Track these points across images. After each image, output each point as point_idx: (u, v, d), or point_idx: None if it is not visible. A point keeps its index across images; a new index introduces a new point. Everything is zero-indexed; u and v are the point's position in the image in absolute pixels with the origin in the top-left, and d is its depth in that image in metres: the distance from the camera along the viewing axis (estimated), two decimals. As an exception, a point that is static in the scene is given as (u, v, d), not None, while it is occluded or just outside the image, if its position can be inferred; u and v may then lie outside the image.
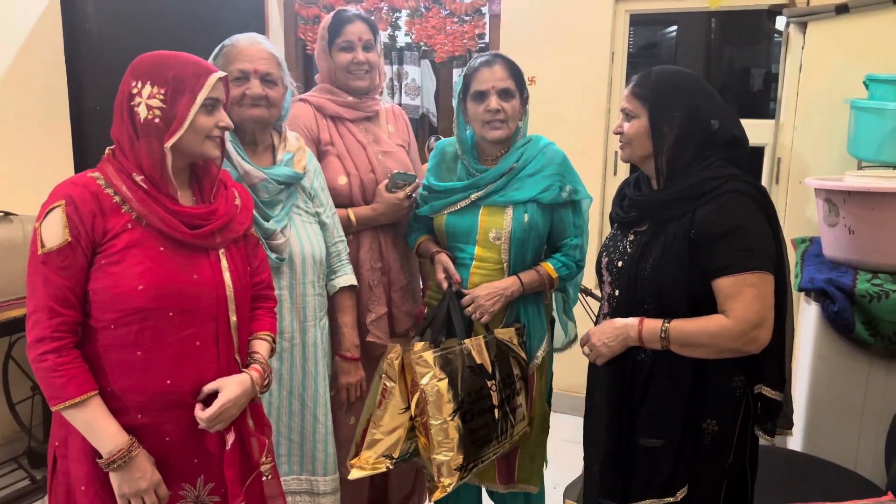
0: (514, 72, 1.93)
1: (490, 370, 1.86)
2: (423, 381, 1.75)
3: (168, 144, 1.34)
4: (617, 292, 1.63)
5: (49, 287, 1.29)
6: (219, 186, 1.49)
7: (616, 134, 1.65)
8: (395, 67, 5.87)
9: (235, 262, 1.47)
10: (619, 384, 1.60)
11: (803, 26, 2.92)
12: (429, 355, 1.78)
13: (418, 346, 1.82)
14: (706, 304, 1.49)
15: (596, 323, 1.72)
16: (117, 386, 1.35)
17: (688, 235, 1.49)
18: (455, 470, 1.74)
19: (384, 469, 1.81)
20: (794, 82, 2.97)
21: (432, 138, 5.44)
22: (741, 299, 1.44)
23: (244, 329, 1.50)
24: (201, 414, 1.38)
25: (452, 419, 1.75)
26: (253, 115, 1.74)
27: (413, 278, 2.24)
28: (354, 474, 1.78)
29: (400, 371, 1.84)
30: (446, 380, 1.76)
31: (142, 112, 1.34)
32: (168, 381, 1.37)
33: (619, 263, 1.63)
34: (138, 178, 1.35)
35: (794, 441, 2.39)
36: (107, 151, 1.40)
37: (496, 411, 1.85)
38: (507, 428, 1.90)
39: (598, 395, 1.69)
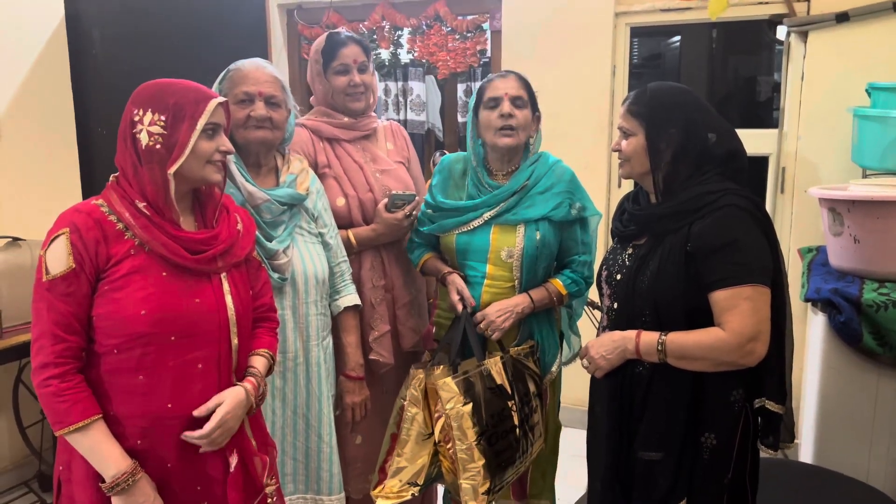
0: (528, 87, 1.97)
1: (510, 390, 1.86)
2: (448, 406, 1.76)
3: (171, 171, 1.36)
4: (616, 305, 1.64)
5: (53, 313, 1.31)
6: (221, 211, 1.50)
7: (614, 151, 1.66)
8: (400, 84, 5.90)
9: (237, 285, 1.48)
10: (618, 397, 1.60)
11: (804, 35, 2.92)
12: (451, 380, 1.78)
13: (438, 371, 1.83)
14: (703, 318, 1.49)
15: (597, 336, 1.72)
16: (120, 410, 1.36)
17: (685, 249, 1.49)
18: (483, 494, 1.75)
19: (409, 497, 1.81)
20: (797, 91, 2.97)
21: (437, 153, 5.46)
22: (737, 312, 1.44)
23: (244, 352, 1.51)
24: (195, 433, 1.37)
25: (478, 443, 1.75)
26: (257, 136, 1.76)
27: (419, 293, 2.25)
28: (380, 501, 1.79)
29: (423, 397, 1.84)
30: (471, 404, 1.77)
31: (143, 139, 1.36)
32: (169, 405, 1.37)
33: (618, 276, 1.63)
34: (141, 205, 1.36)
35: (805, 453, 2.37)
36: (111, 178, 1.42)
37: (517, 431, 1.85)
38: (528, 447, 1.90)
39: (598, 409, 1.69)
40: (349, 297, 1.97)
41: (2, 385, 2.89)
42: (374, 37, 3.80)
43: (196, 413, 1.39)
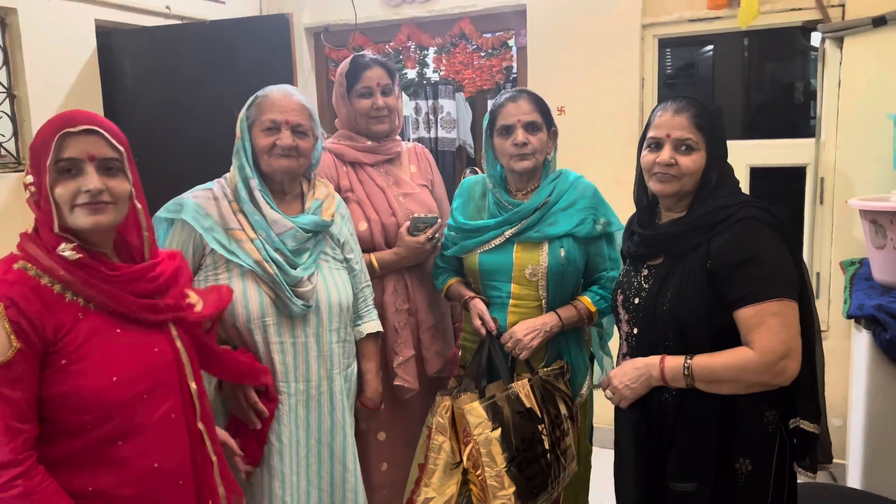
0: (540, 106, 1.92)
1: (539, 414, 1.82)
2: (476, 432, 1.73)
3: (56, 228, 1.19)
4: (636, 330, 1.58)
5: (4, 405, 1.14)
6: (151, 251, 1.35)
7: (667, 165, 1.50)
8: (431, 101, 5.92)
9: (183, 327, 1.39)
10: (644, 428, 1.54)
11: (840, 41, 2.82)
12: (478, 406, 1.75)
13: (465, 397, 1.80)
14: (730, 338, 1.43)
15: (616, 364, 1.66)
16: (101, 483, 1.23)
17: (705, 266, 1.44)
18: None
19: None
20: (834, 99, 2.87)
21: (468, 170, 5.44)
22: (765, 329, 1.37)
23: (203, 396, 1.42)
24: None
25: (508, 469, 1.71)
26: (282, 165, 1.74)
27: (443, 317, 2.22)
28: None
29: (450, 424, 1.81)
30: (499, 429, 1.73)
31: (27, 196, 1.20)
32: (156, 465, 1.28)
33: (636, 300, 1.57)
34: (67, 249, 1.20)
35: (853, 477, 2.26)
36: (25, 232, 1.25)
37: (548, 455, 1.80)
38: (560, 472, 1.85)
39: (624, 441, 1.62)
40: (371, 324, 1.94)
41: None
42: (401, 57, 3.80)
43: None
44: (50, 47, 2.90)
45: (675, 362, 1.46)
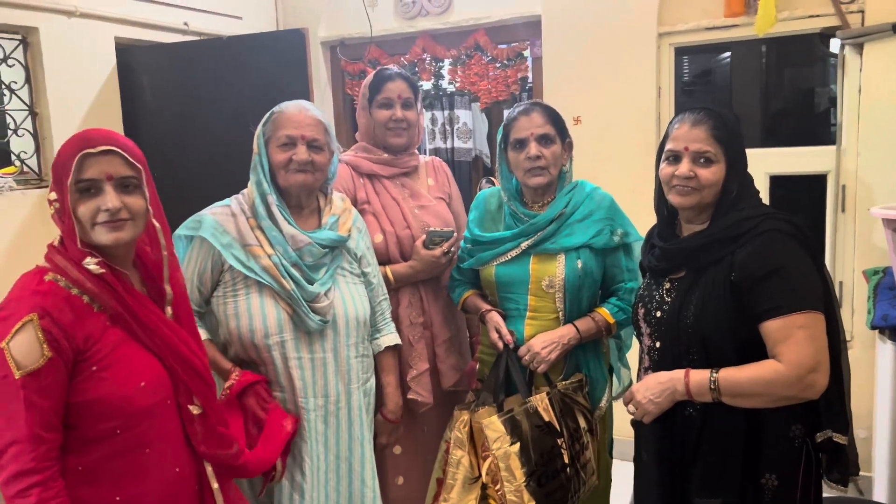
0: (554, 118, 1.91)
1: (558, 427, 1.80)
2: (494, 446, 1.72)
3: (78, 242, 1.24)
4: (658, 344, 1.56)
5: (32, 412, 1.16)
6: (171, 267, 1.38)
7: (686, 178, 1.49)
8: (447, 112, 5.93)
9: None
10: (667, 443, 1.52)
11: (859, 48, 2.79)
12: (496, 420, 1.75)
13: (483, 411, 1.79)
14: (753, 350, 1.41)
15: (638, 378, 1.64)
16: (127, 494, 1.27)
17: (729, 279, 1.42)
18: None
19: None
20: (854, 106, 2.83)
21: (484, 181, 5.44)
22: (792, 342, 1.35)
23: (209, 417, 1.44)
24: None
25: (527, 484, 1.70)
26: (298, 180, 1.75)
27: (459, 331, 2.21)
28: None
29: (468, 439, 1.80)
30: (518, 443, 1.73)
31: (52, 212, 1.26)
32: (177, 469, 1.33)
33: (658, 314, 1.56)
34: (92, 263, 1.24)
35: (879, 489, 2.21)
36: (51, 244, 1.31)
37: (568, 469, 1.79)
38: (580, 486, 1.83)
39: (645, 456, 1.60)
40: (389, 337, 1.94)
41: None
42: (416, 69, 3.82)
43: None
44: (71, 65, 2.95)
45: (700, 376, 1.44)
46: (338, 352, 1.79)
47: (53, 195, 1.26)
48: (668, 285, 1.56)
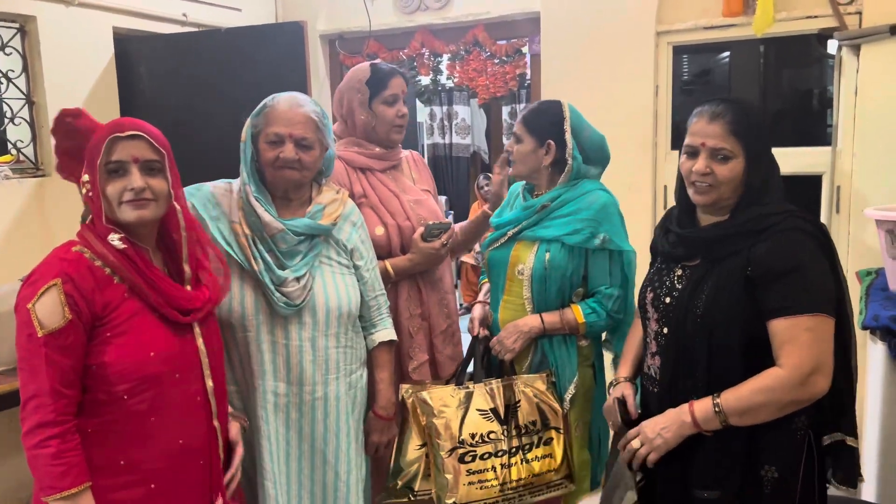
0: (527, 119, 2.02)
1: (503, 415, 1.88)
2: (428, 418, 1.86)
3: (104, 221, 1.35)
4: (665, 330, 1.54)
5: (53, 369, 1.27)
6: (199, 262, 1.48)
7: (703, 175, 1.47)
8: (445, 108, 5.92)
9: (209, 327, 1.50)
10: None
11: (857, 49, 2.80)
12: (438, 390, 1.90)
13: (433, 387, 1.93)
14: (759, 350, 1.41)
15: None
16: (131, 457, 1.35)
17: (744, 272, 1.42)
18: None
19: (406, 501, 1.89)
20: (851, 107, 2.85)
21: (481, 177, 5.44)
22: (796, 345, 1.35)
23: (221, 395, 1.52)
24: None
25: (449, 456, 1.81)
26: (285, 176, 1.75)
27: (452, 322, 2.22)
28: (381, 498, 1.91)
29: (413, 409, 1.91)
30: (446, 419, 1.84)
31: (83, 192, 1.37)
32: (180, 441, 1.40)
33: (667, 300, 1.54)
34: (116, 238, 1.35)
35: (868, 491, 2.23)
36: (84, 223, 1.42)
37: (504, 458, 1.85)
38: (521, 477, 1.86)
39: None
40: (384, 332, 1.92)
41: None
42: (415, 64, 3.82)
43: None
44: (68, 54, 2.94)
45: (703, 404, 1.43)
46: (315, 341, 1.78)
47: (86, 177, 1.36)
48: (679, 272, 1.55)
